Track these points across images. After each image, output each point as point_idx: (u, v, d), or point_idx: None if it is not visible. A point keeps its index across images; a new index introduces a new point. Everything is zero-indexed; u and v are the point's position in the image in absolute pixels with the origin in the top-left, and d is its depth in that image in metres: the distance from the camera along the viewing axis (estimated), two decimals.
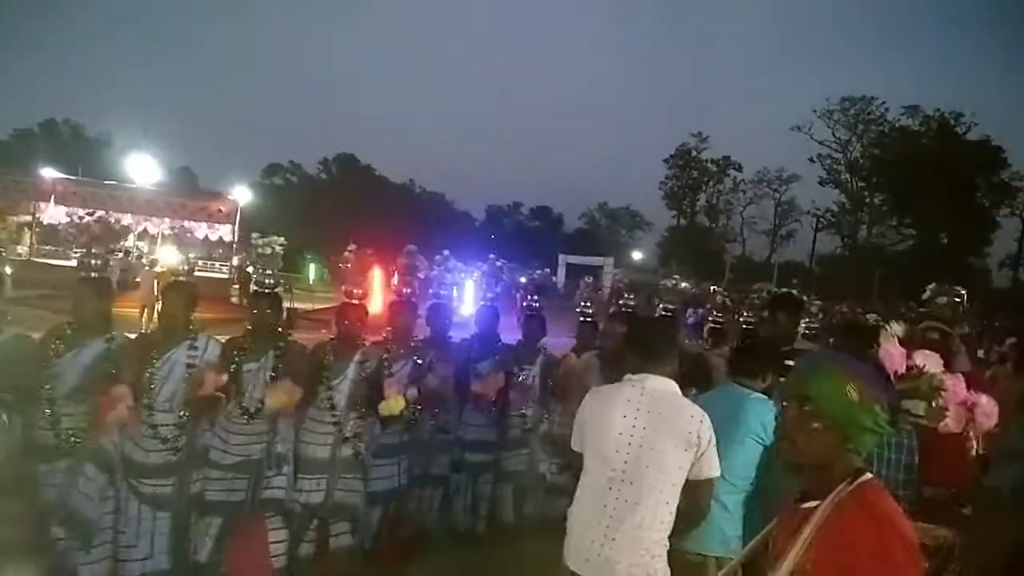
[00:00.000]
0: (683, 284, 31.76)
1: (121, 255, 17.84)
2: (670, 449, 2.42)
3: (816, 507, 1.52)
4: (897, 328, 1.92)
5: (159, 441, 3.35)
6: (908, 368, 1.66)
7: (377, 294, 12.29)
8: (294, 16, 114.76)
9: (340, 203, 45.73)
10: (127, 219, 20.93)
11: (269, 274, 3.87)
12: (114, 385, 3.18)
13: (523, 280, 22.40)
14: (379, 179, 59.24)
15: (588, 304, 5.26)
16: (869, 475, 1.53)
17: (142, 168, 24.20)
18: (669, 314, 5.34)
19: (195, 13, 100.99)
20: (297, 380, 3.52)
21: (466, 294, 18.32)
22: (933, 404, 1.67)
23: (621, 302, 5.08)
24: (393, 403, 3.78)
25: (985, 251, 49.73)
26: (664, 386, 2.54)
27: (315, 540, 3.75)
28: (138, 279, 14.07)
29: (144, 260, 17.18)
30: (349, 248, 20.01)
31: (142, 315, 12.59)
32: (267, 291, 3.85)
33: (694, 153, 58.78)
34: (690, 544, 2.84)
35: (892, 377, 1.65)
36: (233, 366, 3.55)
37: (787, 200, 57.46)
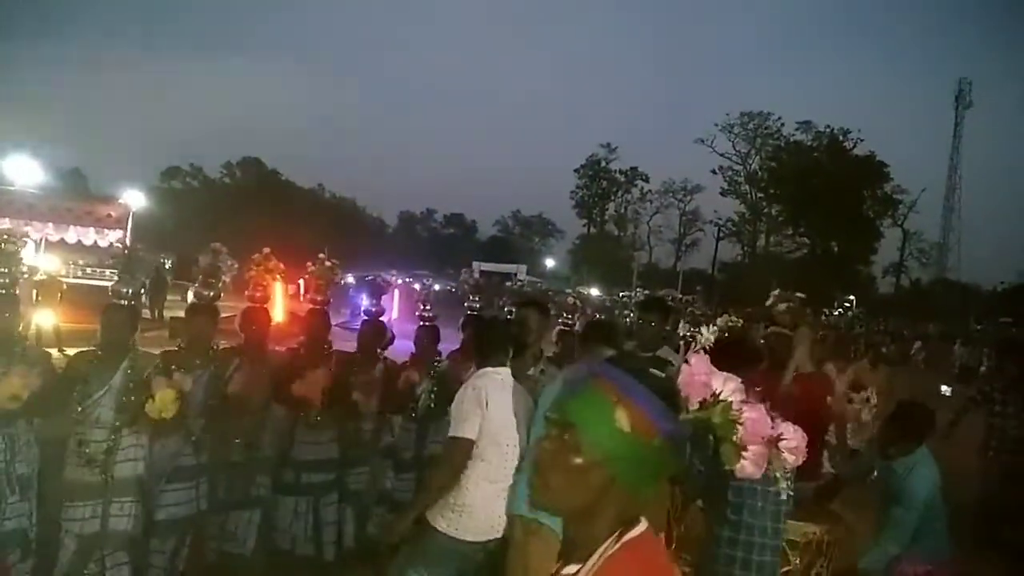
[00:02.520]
0: (593, 291, 32.30)
1: None
2: (522, 422, 3.05)
3: (576, 574, 1.16)
4: (707, 334, 1.71)
5: None
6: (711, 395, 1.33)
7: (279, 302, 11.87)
8: (196, 13, 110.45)
9: (244, 208, 44.07)
10: (5, 224, 19.53)
11: (212, 283, 3.77)
12: None
13: (417, 288, 21.75)
14: (286, 183, 57.57)
15: (427, 307, 4.82)
16: (642, 527, 1.17)
17: (22, 170, 22.52)
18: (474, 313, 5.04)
19: (89, 4, 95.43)
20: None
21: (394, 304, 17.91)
22: (730, 441, 1.31)
23: (467, 304, 5.04)
24: (161, 400, 3.08)
25: (871, 259, 53.14)
26: (509, 374, 3.15)
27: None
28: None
29: (24, 267, 16.03)
30: (263, 252, 19.32)
31: (19, 327, 11.72)
32: (205, 304, 3.74)
33: (603, 164, 60.02)
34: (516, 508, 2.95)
35: (687, 403, 1.32)
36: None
37: (691, 210, 59.56)
